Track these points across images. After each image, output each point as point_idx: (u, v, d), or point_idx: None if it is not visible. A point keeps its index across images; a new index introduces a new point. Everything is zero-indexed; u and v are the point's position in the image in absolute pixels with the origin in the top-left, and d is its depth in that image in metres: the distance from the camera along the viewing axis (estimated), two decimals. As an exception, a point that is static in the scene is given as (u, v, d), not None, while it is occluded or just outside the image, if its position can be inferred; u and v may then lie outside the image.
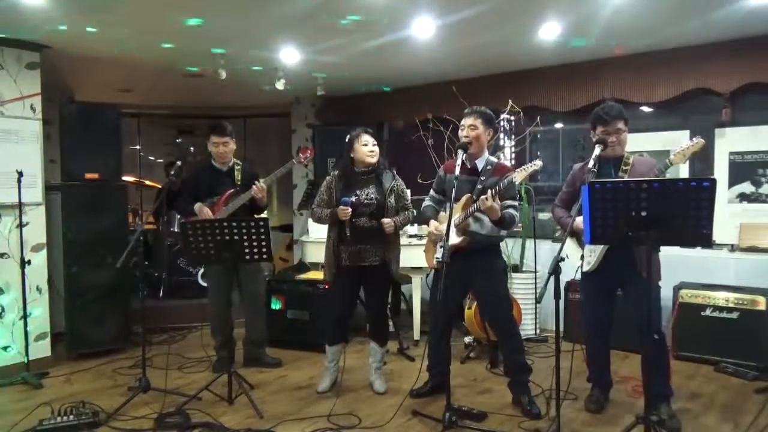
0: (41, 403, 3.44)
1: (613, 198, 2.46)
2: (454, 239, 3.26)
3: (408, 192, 3.75)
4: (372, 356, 3.77)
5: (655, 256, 3.09)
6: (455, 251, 3.22)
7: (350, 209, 3.44)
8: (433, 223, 3.47)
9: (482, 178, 3.28)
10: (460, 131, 3.38)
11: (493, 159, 3.41)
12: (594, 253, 3.16)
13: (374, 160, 3.55)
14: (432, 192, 3.63)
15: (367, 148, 3.53)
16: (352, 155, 3.57)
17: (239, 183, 4.12)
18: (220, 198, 4.08)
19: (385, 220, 3.50)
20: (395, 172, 3.73)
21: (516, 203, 3.31)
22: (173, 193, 4.43)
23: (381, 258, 3.56)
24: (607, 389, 3.43)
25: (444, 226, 3.28)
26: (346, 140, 3.61)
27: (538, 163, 3.08)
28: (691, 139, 2.97)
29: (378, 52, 4.52)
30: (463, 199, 3.26)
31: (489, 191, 3.10)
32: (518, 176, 3.10)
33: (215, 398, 3.54)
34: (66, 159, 4.55)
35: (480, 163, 3.35)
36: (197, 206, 4.02)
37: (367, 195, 3.53)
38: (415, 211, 3.74)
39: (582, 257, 3.23)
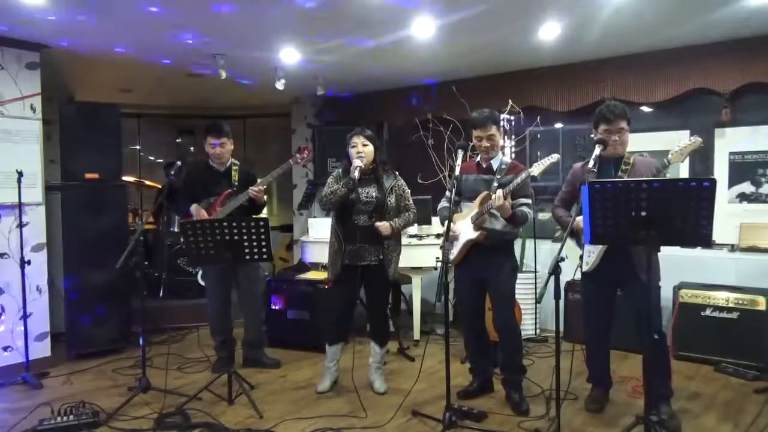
0: (41, 403, 3.44)
1: (613, 198, 2.46)
2: (471, 234, 3.35)
3: (409, 192, 3.74)
4: (372, 356, 3.77)
5: (654, 257, 3.09)
6: (472, 246, 3.36)
7: (360, 161, 3.44)
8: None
9: (497, 177, 3.37)
10: (476, 141, 3.42)
11: (507, 159, 3.52)
12: (593, 254, 3.16)
13: (360, 163, 3.47)
14: (447, 193, 3.62)
15: (355, 149, 3.52)
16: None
17: (236, 183, 4.11)
18: (217, 199, 4.07)
19: (379, 223, 3.50)
20: (397, 173, 3.73)
21: (529, 201, 3.39)
22: (174, 193, 4.43)
23: (379, 257, 3.56)
24: (607, 389, 3.44)
25: (458, 225, 3.39)
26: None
27: (555, 156, 3.18)
28: (689, 138, 2.97)
29: (378, 52, 4.52)
30: (480, 196, 3.36)
31: (500, 190, 3.21)
32: (536, 170, 3.19)
33: (215, 398, 3.54)
34: (66, 159, 4.55)
35: (495, 163, 3.44)
36: (193, 207, 4.02)
37: (366, 194, 3.53)
38: (416, 210, 3.74)
39: (581, 257, 3.25)
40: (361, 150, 3.52)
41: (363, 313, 3.96)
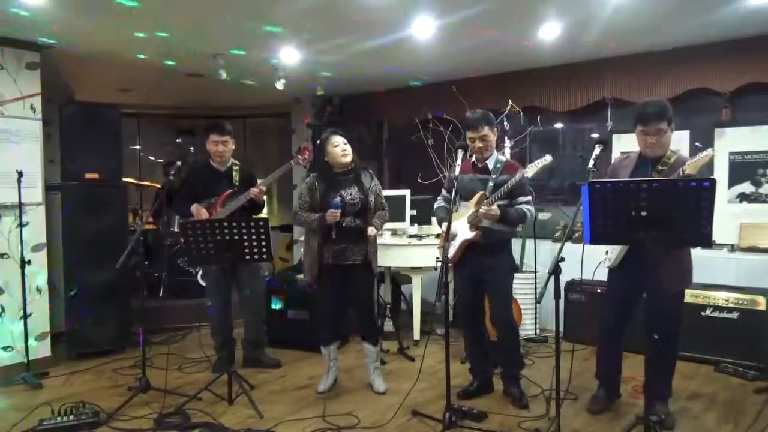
0: (41, 403, 3.45)
1: (613, 198, 2.46)
2: (468, 234, 3.39)
3: (383, 192, 3.80)
4: (368, 357, 3.76)
5: (684, 258, 3.06)
6: (469, 245, 3.40)
7: (340, 212, 3.45)
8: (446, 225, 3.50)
9: (493, 176, 3.39)
10: (470, 143, 3.46)
11: (502, 158, 3.52)
12: (615, 249, 3.15)
13: (348, 159, 3.58)
14: (444, 192, 3.73)
15: (338, 148, 3.55)
16: (326, 158, 3.60)
17: (237, 183, 4.11)
18: (218, 199, 4.07)
19: (370, 228, 3.55)
20: (371, 171, 3.78)
21: (529, 198, 3.42)
22: (173, 193, 4.42)
23: (363, 256, 3.58)
24: (614, 390, 3.40)
25: (454, 225, 3.42)
26: (317, 144, 3.64)
27: (548, 157, 3.19)
28: (698, 150, 2.93)
29: (378, 52, 4.52)
30: (477, 196, 3.39)
31: (485, 200, 3.28)
32: (530, 171, 3.21)
33: (215, 398, 3.54)
34: (66, 159, 4.55)
35: (490, 162, 3.46)
36: (194, 207, 4.01)
37: (351, 195, 3.55)
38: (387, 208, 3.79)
39: (606, 252, 3.23)
40: (345, 149, 3.56)
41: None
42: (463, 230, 3.42)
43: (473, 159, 3.53)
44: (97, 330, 4.55)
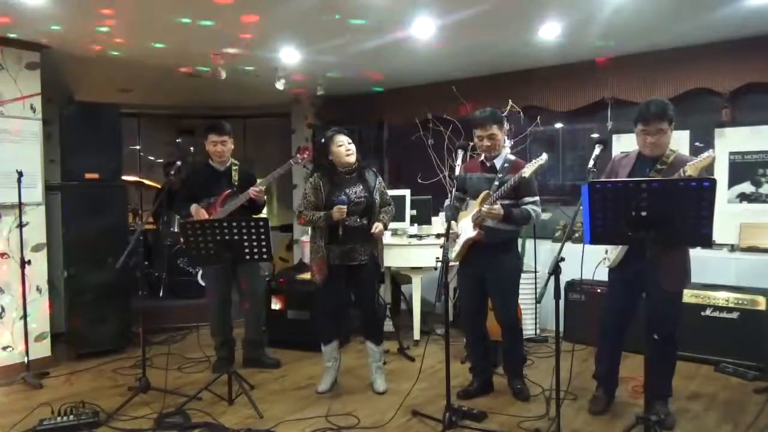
0: (41, 403, 3.45)
1: (613, 198, 2.46)
2: (471, 233, 3.38)
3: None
4: (371, 356, 3.76)
5: (684, 258, 3.06)
6: (472, 245, 3.40)
7: (346, 207, 3.44)
8: (452, 224, 3.49)
9: (499, 176, 3.38)
10: (477, 141, 3.46)
11: (511, 157, 3.52)
12: (614, 250, 3.15)
13: (353, 158, 3.57)
14: (454, 191, 3.67)
15: (343, 148, 3.54)
16: (330, 157, 3.58)
17: (236, 184, 4.11)
18: (217, 199, 4.07)
19: (376, 228, 3.54)
20: (374, 169, 3.79)
21: (535, 199, 3.39)
22: (173, 193, 4.42)
23: (369, 255, 3.58)
24: (613, 389, 3.40)
25: (461, 223, 3.45)
26: (321, 142, 3.63)
27: (544, 157, 3.17)
28: (699, 150, 2.93)
29: (378, 52, 4.52)
30: (481, 195, 3.37)
31: (489, 197, 3.26)
32: (527, 171, 3.19)
33: (215, 398, 3.54)
34: (66, 159, 4.55)
35: (498, 162, 3.46)
36: (193, 207, 4.02)
37: (356, 194, 3.55)
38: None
39: (606, 251, 3.23)
40: (350, 148, 3.55)
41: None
42: (467, 229, 3.43)
43: (482, 158, 3.53)
44: (97, 330, 4.55)
